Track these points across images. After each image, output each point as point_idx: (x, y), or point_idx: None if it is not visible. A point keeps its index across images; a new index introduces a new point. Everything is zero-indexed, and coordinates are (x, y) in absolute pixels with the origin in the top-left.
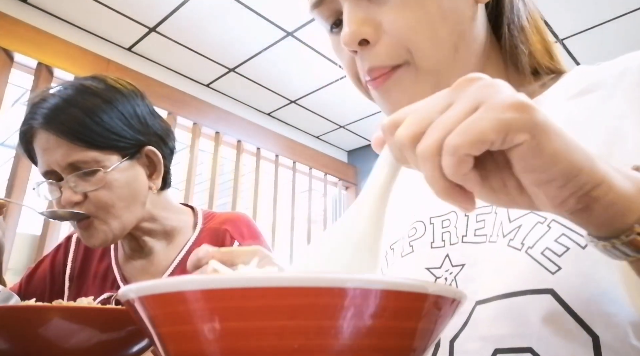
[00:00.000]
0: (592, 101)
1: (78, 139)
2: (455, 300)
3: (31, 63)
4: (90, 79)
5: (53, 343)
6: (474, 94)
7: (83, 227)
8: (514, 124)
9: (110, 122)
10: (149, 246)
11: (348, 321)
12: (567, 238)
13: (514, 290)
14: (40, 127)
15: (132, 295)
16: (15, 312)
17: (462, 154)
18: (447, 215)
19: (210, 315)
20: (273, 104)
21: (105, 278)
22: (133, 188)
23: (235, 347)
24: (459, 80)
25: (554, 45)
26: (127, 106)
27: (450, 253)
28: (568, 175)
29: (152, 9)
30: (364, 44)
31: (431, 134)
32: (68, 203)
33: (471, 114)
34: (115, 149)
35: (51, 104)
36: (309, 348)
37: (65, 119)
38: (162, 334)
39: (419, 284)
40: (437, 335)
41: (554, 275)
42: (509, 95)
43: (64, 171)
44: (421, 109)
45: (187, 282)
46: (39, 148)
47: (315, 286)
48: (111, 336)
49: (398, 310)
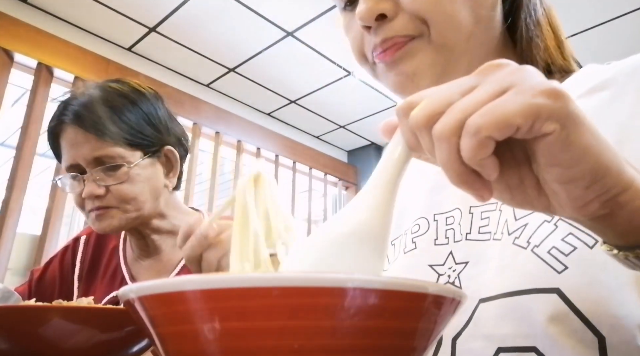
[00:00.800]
0: (603, 99)
1: (105, 135)
2: (456, 300)
3: (31, 63)
4: (115, 82)
5: (53, 343)
6: (502, 77)
7: (98, 214)
8: (545, 110)
9: (136, 121)
10: (156, 245)
11: (348, 321)
12: (575, 238)
13: (518, 289)
14: (69, 123)
15: (132, 295)
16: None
17: (484, 136)
18: (452, 212)
19: (210, 315)
20: (273, 104)
21: (113, 277)
22: (152, 184)
23: (235, 347)
24: (484, 65)
25: (567, 43)
26: (150, 107)
27: (453, 251)
28: (595, 175)
29: (152, 9)
30: (380, 19)
31: (451, 114)
32: (90, 195)
33: (498, 97)
34: (138, 146)
35: (81, 101)
36: (309, 348)
37: (94, 116)
38: (162, 334)
39: (419, 284)
40: (437, 335)
41: (560, 274)
42: (541, 80)
43: (89, 165)
44: (441, 90)
45: (187, 282)
46: (67, 142)
47: (315, 286)
48: (111, 336)
49: (398, 310)
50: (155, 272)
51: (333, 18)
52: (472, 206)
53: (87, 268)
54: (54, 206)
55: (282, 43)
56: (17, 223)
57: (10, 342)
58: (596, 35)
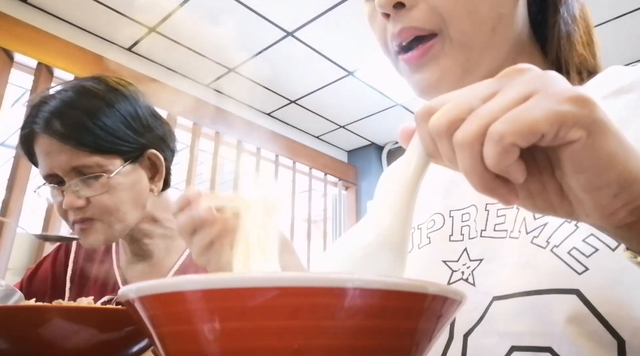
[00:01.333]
0: (630, 101)
1: (81, 143)
2: (455, 300)
3: (31, 63)
4: (90, 80)
5: (53, 343)
6: (525, 83)
7: (83, 228)
8: (571, 117)
9: (113, 126)
10: (149, 249)
11: (348, 321)
12: (596, 239)
13: (537, 288)
14: (41, 131)
15: (132, 295)
16: (15, 312)
17: (508, 143)
18: (468, 209)
19: (210, 315)
20: (273, 104)
21: (106, 280)
22: (136, 191)
23: (235, 347)
24: (506, 69)
25: (598, 42)
26: (129, 107)
27: (468, 247)
28: (623, 182)
29: (152, 9)
30: (398, 7)
31: (473, 121)
32: (70, 207)
33: (521, 103)
34: (118, 153)
35: (52, 106)
36: (309, 348)
37: (67, 123)
38: (162, 334)
39: (419, 284)
40: (437, 335)
41: (580, 276)
42: (566, 87)
43: (67, 175)
44: (462, 95)
45: (187, 282)
46: (41, 152)
47: (315, 286)
48: (111, 336)
49: (398, 310)
50: (148, 276)
51: (333, 18)
52: (488, 203)
53: (80, 269)
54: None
55: (282, 43)
56: (17, 223)
57: (10, 342)
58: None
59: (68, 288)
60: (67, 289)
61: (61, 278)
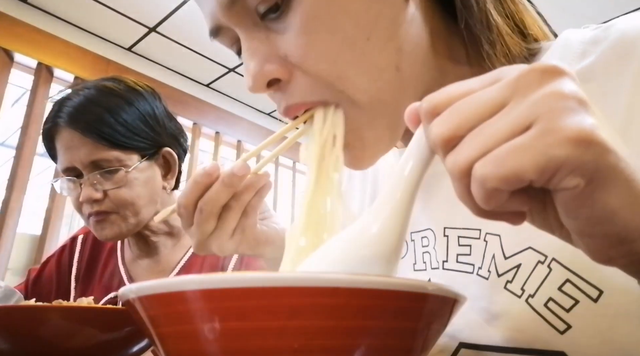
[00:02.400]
0: (592, 93)
1: (102, 138)
2: (455, 300)
3: (31, 63)
4: (111, 80)
5: (53, 343)
6: (534, 103)
7: (98, 220)
8: (568, 163)
9: (132, 123)
10: (155, 246)
11: (348, 321)
12: (573, 286)
13: (515, 345)
14: (64, 125)
15: (132, 295)
16: (15, 312)
17: (491, 187)
18: (425, 232)
19: (210, 315)
20: (273, 104)
21: (111, 278)
22: (150, 187)
23: (235, 347)
24: (529, 69)
25: (529, 20)
26: (147, 106)
27: (432, 279)
28: (622, 239)
29: (152, 9)
30: (274, 83)
31: (464, 150)
32: (88, 199)
33: (521, 132)
34: (135, 149)
35: (75, 103)
36: (309, 348)
37: (90, 118)
38: (162, 334)
39: (419, 284)
40: (437, 335)
41: (563, 335)
42: (575, 121)
43: (86, 168)
44: (466, 102)
45: (187, 282)
46: (62, 145)
47: (315, 286)
48: (111, 336)
49: (398, 310)
50: (154, 273)
51: None
52: (446, 227)
53: (85, 268)
54: (54, 206)
55: None
56: (17, 223)
57: (10, 342)
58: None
59: (73, 287)
60: (72, 289)
61: (66, 277)
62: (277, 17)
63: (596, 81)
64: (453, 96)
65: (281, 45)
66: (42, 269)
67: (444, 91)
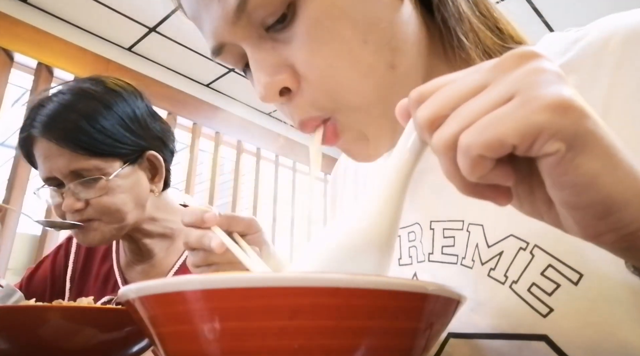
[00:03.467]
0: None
1: (79, 147)
2: (455, 300)
3: (31, 63)
4: (88, 82)
5: (53, 343)
6: (513, 80)
7: (80, 228)
8: (548, 128)
9: (112, 129)
10: (148, 249)
11: (348, 321)
12: (555, 271)
13: (500, 331)
14: (39, 135)
15: (132, 295)
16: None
17: (475, 155)
18: (412, 227)
19: (210, 315)
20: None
21: (106, 280)
22: (135, 193)
23: (235, 347)
24: (508, 54)
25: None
26: (127, 109)
27: (418, 272)
28: (608, 208)
29: (152, 9)
30: (285, 92)
31: (449, 125)
32: (69, 209)
33: (503, 104)
34: (116, 155)
35: (50, 110)
36: (309, 348)
37: (65, 127)
38: (162, 334)
39: (419, 284)
40: (437, 335)
41: (546, 318)
42: (553, 90)
43: (66, 178)
44: (450, 87)
45: (187, 282)
46: (40, 155)
47: (315, 286)
48: (111, 336)
49: (398, 310)
50: (148, 276)
51: None
52: (432, 221)
53: (80, 269)
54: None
55: None
56: (17, 223)
57: (10, 342)
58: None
59: (68, 288)
60: (67, 290)
61: (61, 277)
62: (283, 28)
63: (576, 73)
64: (439, 84)
65: (288, 54)
66: (36, 269)
67: (431, 81)
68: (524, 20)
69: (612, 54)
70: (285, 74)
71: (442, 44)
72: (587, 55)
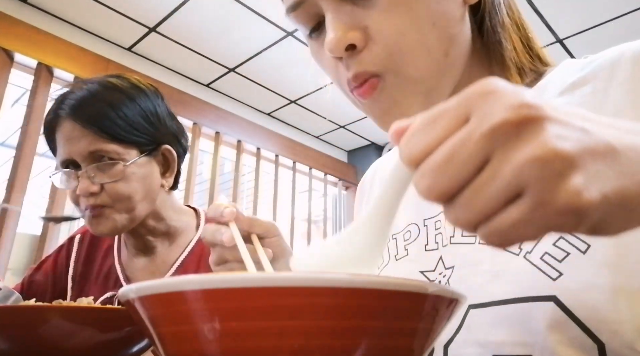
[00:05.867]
0: (585, 94)
1: (102, 130)
2: (455, 300)
3: (31, 63)
4: (115, 77)
5: (53, 343)
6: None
7: (94, 215)
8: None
9: (133, 118)
10: (152, 246)
11: (348, 321)
12: (566, 242)
13: (513, 296)
14: (66, 117)
15: (132, 295)
16: (15, 312)
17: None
18: (438, 216)
19: (210, 315)
20: (273, 104)
21: (108, 277)
22: (148, 184)
23: (235, 347)
24: (475, 89)
25: (535, 41)
26: (149, 104)
27: (443, 255)
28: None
29: (152, 9)
30: (350, 49)
31: (464, 213)
32: (84, 192)
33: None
34: (135, 144)
35: (78, 96)
36: (309, 348)
37: (91, 111)
38: (162, 334)
39: (419, 284)
40: (437, 335)
41: (555, 281)
42: (564, 189)
43: (84, 160)
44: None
45: (187, 282)
46: (63, 137)
47: (315, 286)
48: (111, 336)
49: (398, 310)
50: (149, 273)
51: None
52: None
53: (81, 268)
54: (54, 206)
55: (282, 43)
56: (17, 223)
57: (10, 342)
58: (596, 35)
59: (70, 287)
60: (69, 289)
61: (63, 277)
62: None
63: (590, 84)
64: (429, 144)
65: (363, 17)
66: (37, 269)
67: (416, 136)
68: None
69: (622, 70)
70: (357, 32)
71: (489, 57)
72: (602, 68)
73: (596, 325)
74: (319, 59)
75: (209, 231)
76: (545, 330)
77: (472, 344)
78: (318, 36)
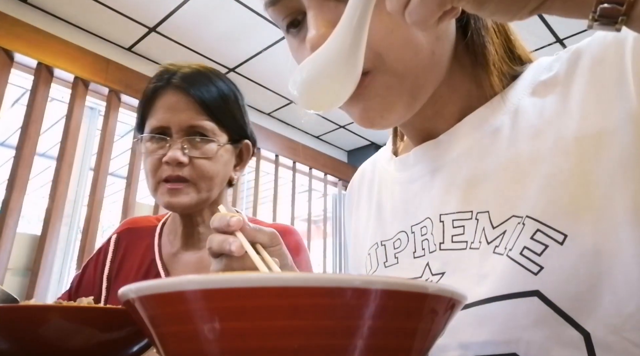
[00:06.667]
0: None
1: (207, 107)
2: (456, 300)
3: (31, 63)
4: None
5: (53, 343)
6: None
7: (174, 188)
8: None
9: (233, 105)
10: (200, 238)
11: (348, 321)
12: (543, 234)
13: (496, 294)
14: (177, 86)
15: (132, 295)
16: (15, 312)
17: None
18: (424, 222)
19: (210, 315)
20: (273, 104)
21: (148, 273)
22: (227, 170)
23: (235, 347)
24: None
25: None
26: (242, 101)
27: (430, 262)
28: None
29: (152, 9)
30: None
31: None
32: (173, 160)
33: None
34: (229, 129)
35: (189, 72)
36: (309, 348)
37: (201, 86)
38: (162, 334)
39: (419, 284)
40: (437, 335)
41: (537, 276)
42: None
43: (180, 132)
44: None
45: (187, 282)
46: (164, 104)
47: (315, 286)
48: (111, 336)
49: (398, 310)
50: (193, 268)
51: None
52: (441, 214)
53: (117, 267)
54: (54, 206)
55: (282, 43)
56: (17, 223)
57: (10, 342)
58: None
59: (105, 287)
60: (103, 288)
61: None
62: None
63: (560, 85)
64: None
65: None
66: (82, 274)
67: None
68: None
69: (584, 58)
70: None
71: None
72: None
73: (580, 314)
74: (298, 57)
75: (215, 241)
76: (530, 325)
77: (454, 347)
78: (298, 32)
